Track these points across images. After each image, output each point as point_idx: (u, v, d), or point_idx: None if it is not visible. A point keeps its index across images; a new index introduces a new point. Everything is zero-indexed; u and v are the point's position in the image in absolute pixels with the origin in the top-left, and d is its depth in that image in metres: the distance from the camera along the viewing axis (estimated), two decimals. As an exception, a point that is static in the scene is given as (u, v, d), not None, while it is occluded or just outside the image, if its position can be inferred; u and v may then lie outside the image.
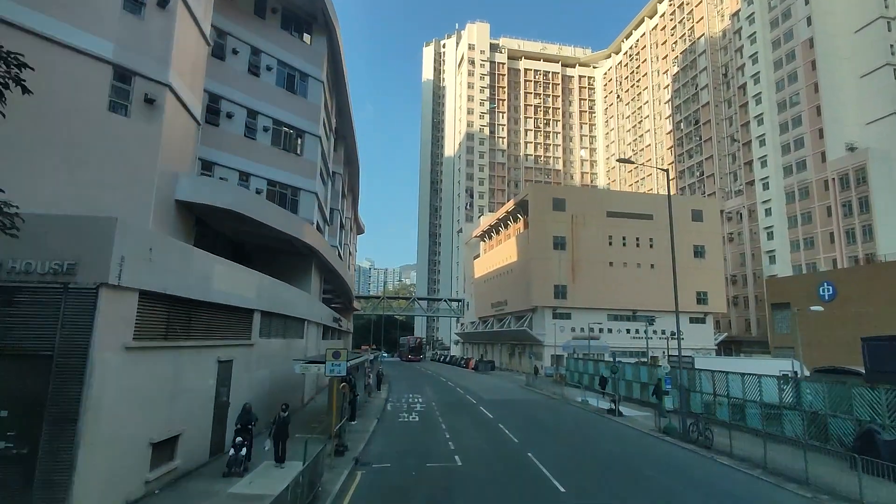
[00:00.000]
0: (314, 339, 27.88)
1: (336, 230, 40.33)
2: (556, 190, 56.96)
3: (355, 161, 48.70)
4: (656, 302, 54.91)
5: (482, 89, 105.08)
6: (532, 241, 53.88)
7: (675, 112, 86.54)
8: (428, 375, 50.16)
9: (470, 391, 34.34)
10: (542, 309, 53.18)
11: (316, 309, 27.31)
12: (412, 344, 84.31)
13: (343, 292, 46.29)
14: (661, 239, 56.25)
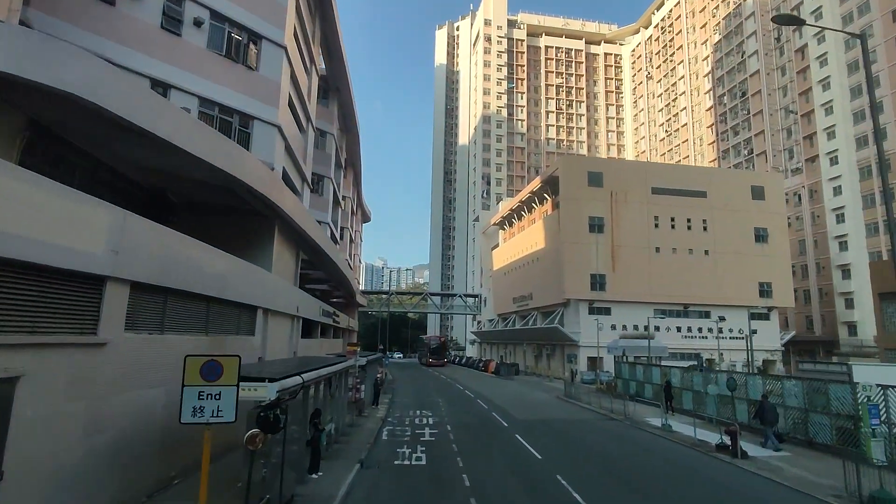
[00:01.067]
0: (284, 338, 20.25)
1: (327, 204, 32.69)
2: (592, 162, 48.68)
3: (354, 129, 41.03)
4: (711, 294, 46.40)
5: (499, 67, 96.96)
6: (564, 222, 45.70)
7: (716, 85, 77.52)
8: (441, 381, 42.38)
9: (495, 405, 26.42)
10: (577, 303, 45.00)
11: (285, 295, 19.68)
12: (433, 344, 68.85)
13: (341, 283, 38.69)
14: (717, 220, 47.71)
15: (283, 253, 19.97)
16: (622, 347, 33.01)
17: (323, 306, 31.29)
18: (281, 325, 19.73)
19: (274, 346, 18.57)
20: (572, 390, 30.66)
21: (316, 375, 11.72)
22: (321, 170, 31.75)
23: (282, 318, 19.74)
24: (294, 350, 22.68)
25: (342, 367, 15.42)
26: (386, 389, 31.98)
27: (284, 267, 20.43)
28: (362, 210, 66.21)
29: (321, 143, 32.10)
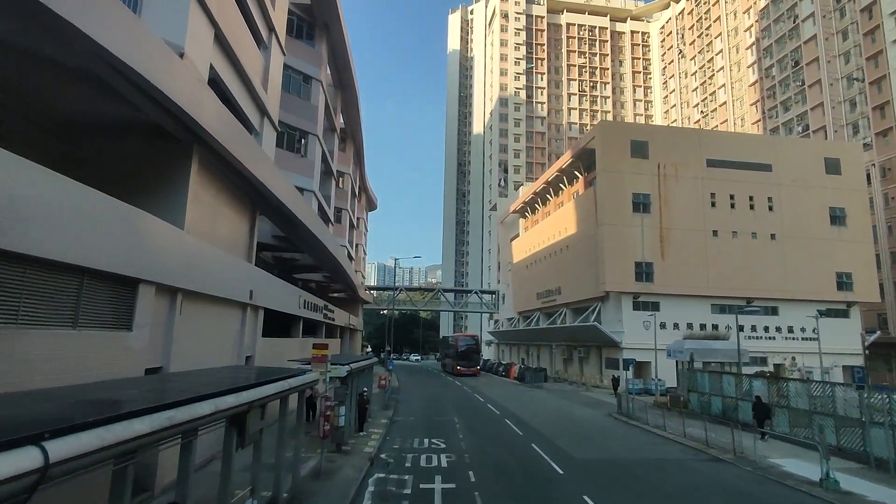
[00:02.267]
0: (225, 336, 13.42)
1: (312, 168, 25.90)
2: (635, 129, 41.09)
3: (350, 87, 34.18)
4: (779, 286, 38.71)
5: (517, 46, 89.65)
6: (603, 200, 38.35)
7: (762, 57, 69.31)
8: (456, 389, 35.37)
9: (532, 428, 19.29)
10: (618, 296, 37.63)
11: (223, 270, 12.81)
12: (462, 346, 50.90)
13: (336, 272, 31.89)
14: (785, 198, 39.99)
15: (217, 207, 13.13)
16: (689, 351, 25.71)
17: (307, 297, 24.50)
18: (214, 316, 12.89)
19: (198, 347, 11.75)
20: (629, 406, 23.43)
21: (186, 416, 4.83)
22: (304, 124, 24.98)
23: (217, 305, 12.91)
24: (249, 354, 15.86)
25: (287, 388, 8.50)
26: (387, 403, 25.05)
27: (222, 229, 13.60)
28: (367, 196, 59.50)
29: (304, 89, 25.32)
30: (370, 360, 19.39)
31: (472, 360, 49.91)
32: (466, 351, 50.42)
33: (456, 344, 51.94)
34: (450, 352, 54.08)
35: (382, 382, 27.56)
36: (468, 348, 50.86)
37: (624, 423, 21.66)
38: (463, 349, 50.35)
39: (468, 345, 51.44)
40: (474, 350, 51.15)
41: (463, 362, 49.19)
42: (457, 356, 49.81)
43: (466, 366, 49.09)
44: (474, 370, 49.30)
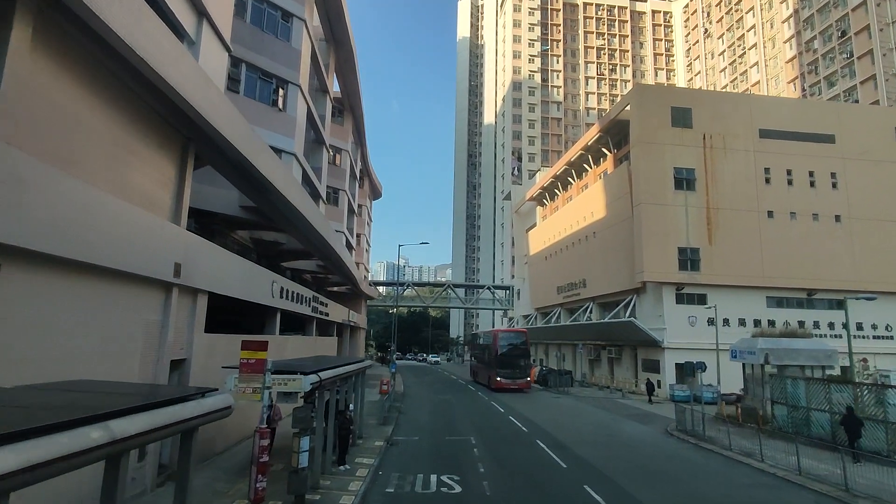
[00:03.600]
0: (119, 330, 8.53)
1: (292, 126, 21.07)
2: (676, 94, 35.44)
3: (346, 42, 29.32)
4: (846, 275, 33.23)
5: (531, 27, 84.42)
6: (639, 176, 33.13)
7: (802, 29, 63.41)
8: (469, 394, 30.41)
9: (579, 460, 14.25)
10: (657, 288, 32.39)
11: (106, 220, 7.96)
12: (504, 345, 34.46)
13: (329, 259, 27.09)
14: (851, 174, 34.48)
15: (96, 124, 8.26)
16: (763, 351, 20.54)
17: (286, 284, 19.73)
18: (99, 299, 8.07)
19: (54, 346, 6.94)
20: (692, 421, 18.31)
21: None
22: (281, 71, 20.18)
23: (106, 282, 8.05)
24: (179, 357, 11.07)
25: (89, 445, 3.69)
26: (389, 416, 20.18)
27: (119, 166, 8.73)
28: (371, 182, 54.74)
29: (283, 28, 20.49)
30: (358, 363, 14.46)
31: (518, 367, 33.42)
32: (511, 354, 33.84)
33: (494, 343, 34.55)
34: (484, 354, 37.85)
35: (384, 388, 22.84)
36: (513, 349, 34.11)
37: (693, 446, 16.53)
38: (505, 350, 33.92)
39: (513, 344, 34.50)
40: (522, 352, 34.33)
41: (505, 371, 33.06)
42: (496, 361, 33.54)
43: (511, 376, 32.87)
44: (523, 383, 33.05)
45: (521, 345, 34.93)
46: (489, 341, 36.57)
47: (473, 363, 44.40)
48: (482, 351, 39.27)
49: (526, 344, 35.24)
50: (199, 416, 4.98)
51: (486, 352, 36.73)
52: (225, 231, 20.19)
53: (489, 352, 35.75)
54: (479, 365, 39.85)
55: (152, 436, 4.26)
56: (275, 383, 8.86)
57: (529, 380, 34.26)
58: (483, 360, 38.18)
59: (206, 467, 11.64)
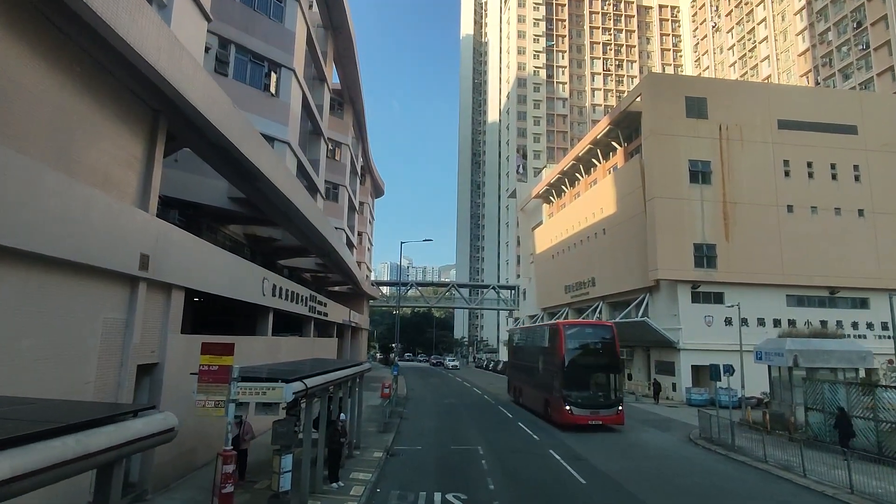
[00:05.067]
0: (68, 331, 7.22)
1: (286, 113, 19.79)
2: (690, 83, 33.88)
3: (345, 28, 28.06)
4: (870, 273, 31.68)
5: (536, 22, 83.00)
6: (652, 169, 31.68)
7: (815, 21, 61.73)
8: (475, 397, 29.06)
9: (596, 472, 12.87)
10: (673, 286, 30.91)
11: (46, 201, 6.69)
12: (574, 347, 20.43)
13: (327, 256, 25.84)
14: (875, 166, 32.94)
15: (31, 84, 6.97)
16: (791, 353, 19.06)
17: (280, 281, 18.46)
18: (36, 294, 6.75)
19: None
20: (718, 428, 16.87)
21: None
22: (274, 53, 18.91)
23: (38, 273, 6.73)
24: (149, 361, 9.79)
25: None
26: (390, 423, 18.86)
27: (58, 133, 7.44)
28: (373, 179, 53.48)
29: (276, 8, 19.23)
30: (355, 366, 13.11)
31: (602, 387, 20.17)
32: (587, 365, 20.31)
33: (557, 344, 20.77)
34: (536, 363, 23.56)
35: (386, 391, 21.59)
36: (592, 355, 20.51)
37: (723, 457, 15.08)
38: (577, 356, 20.23)
39: (592, 345, 20.80)
40: (609, 361, 20.52)
41: (580, 395, 19.63)
42: (561, 376, 19.90)
43: (589, 403, 19.59)
44: (611, 415, 19.65)
45: (606, 347, 20.32)
46: (545, 341, 22.54)
47: (513, 374, 29.32)
48: (532, 357, 24.19)
49: (614, 346, 20.32)
50: (114, 448, 3.64)
51: (541, 359, 22.68)
52: (214, 225, 18.93)
53: (547, 359, 21.79)
54: (526, 379, 25.38)
55: (27, 482, 2.92)
56: (251, 393, 7.53)
57: (621, 409, 19.54)
58: (533, 371, 23.66)
59: (182, 486, 10.32)
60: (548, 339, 22.43)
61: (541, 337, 23.99)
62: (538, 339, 24.52)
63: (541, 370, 22.78)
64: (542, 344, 23.39)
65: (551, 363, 21.20)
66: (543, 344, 23.05)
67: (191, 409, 8.02)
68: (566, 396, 19.36)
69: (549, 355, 21.64)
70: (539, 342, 24.04)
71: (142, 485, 9.62)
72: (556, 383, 20.19)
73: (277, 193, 15.17)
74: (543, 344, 23.05)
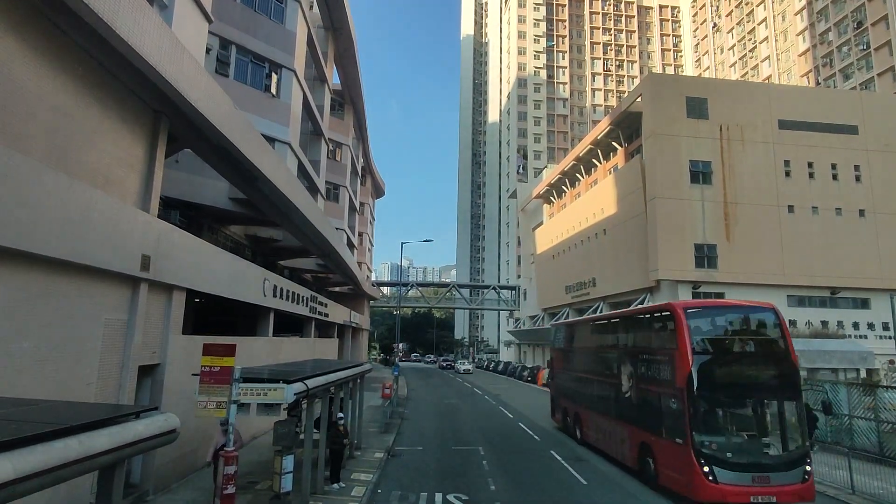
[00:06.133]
0: (44, 326, 7.22)
1: (286, 114, 19.82)
2: (691, 83, 33.91)
3: (345, 29, 28.09)
4: (871, 273, 31.68)
5: (536, 22, 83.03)
6: (653, 169, 31.68)
7: (815, 21, 61.74)
8: (477, 399, 29.09)
9: (612, 483, 12.88)
10: (674, 286, 30.89)
11: (45, 200, 6.69)
12: (716, 356, 10.70)
13: (328, 256, 25.87)
14: (875, 166, 32.94)
15: (31, 83, 6.98)
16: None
17: (280, 282, 18.46)
18: (36, 295, 6.76)
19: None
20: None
21: None
22: (274, 54, 18.93)
23: (39, 273, 6.72)
24: (150, 362, 9.79)
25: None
26: (391, 423, 18.88)
27: (58, 134, 7.45)
28: (373, 180, 53.50)
29: (276, 9, 19.25)
30: (356, 367, 13.12)
31: (765, 433, 10.63)
32: (734, 385, 10.72)
33: (678, 342, 10.80)
34: (624, 374, 13.61)
35: (387, 391, 21.58)
36: (742, 350, 11.22)
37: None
38: (714, 361, 10.69)
39: (743, 340, 11.29)
40: (780, 375, 10.65)
41: (731, 444, 10.31)
42: (688, 401, 10.29)
43: (753, 463, 10.06)
44: (800, 485, 9.85)
45: (768, 347, 11.42)
46: (641, 336, 13.65)
47: (565, 390, 18.99)
48: (606, 365, 15.26)
49: (785, 344, 11.19)
50: (116, 449, 3.64)
51: (630, 369, 13.47)
52: (215, 226, 18.95)
53: (646, 370, 12.60)
54: (595, 401, 15.85)
55: (29, 484, 2.92)
56: (252, 393, 7.53)
57: (809, 471, 10.12)
58: (611, 389, 14.54)
59: (183, 487, 10.32)
60: (647, 334, 12.86)
61: (629, 329, 14.13)
62: (622, 333, 14.48)
63: (630, 389, 12.96)
64: (633, 342, 13.61)
65: (658, 378, 11.52)
66: (637, 342, 13.37)
67: (192, 410, 8.03)
68: (700, 446, 9.96)
69: (654, 363, 11.94)
70: (624, 339, 14.20)
71: (143, 486, 9.63)
72: (671, 417, 10.72)
73: (278, 194, 15.19)
74: (637, 342, 13.37)
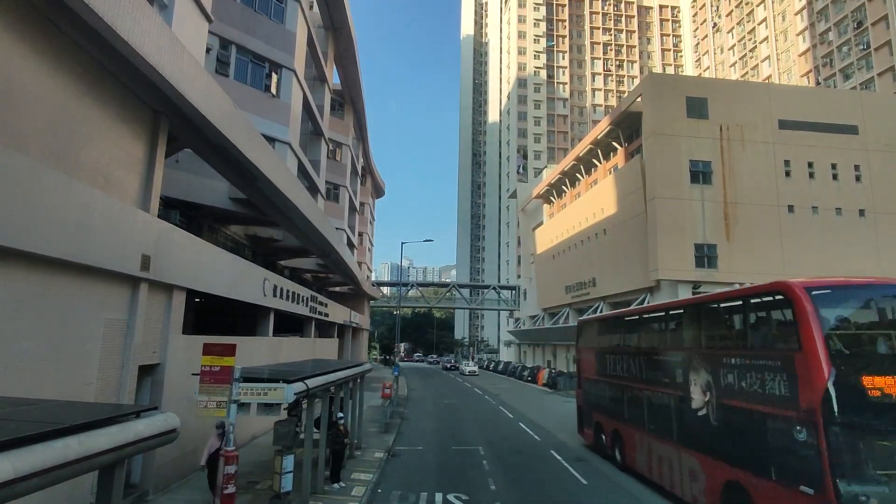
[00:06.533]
0: (43, 325, 7.22)
1: (286, 113, 19.82)
2: (691, 83, 33.89)
3: (345, 29, 28.09)
4: (870, 271, 31.43)
5: (537, 22, 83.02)
6: (653, 169, 31.67)
7: (816, 21, 61.73)
8: (477, 398, 29.10)
9: (614, 483, 12.90)
10: (674, 286, 30.89)
11: (42, 199, 6.69)
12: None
13: (329, 257, 25.87)
14: (876, 166, 32.91)
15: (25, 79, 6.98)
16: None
17: (280, 282, 18.46)
18: (36, 295, 6.75)
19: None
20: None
21: None
22: (274, 54, 18.92)
23: (40, 273, 6.71)
24: (150, 362, 9.80)
25: None
26: (391, 423, 18.88)
27: (58, 133, 7.46)
28: (373, 180, 53.52)
29: (276, 9, 19.26)
30: (356, 367, 13.12)
31: None
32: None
33: (802, 339, 6.97)
34: (697, 387, 9.49)
35: (387, 391, 21.60)
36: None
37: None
38: (861, 368, 6.82)
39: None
40: None
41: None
42: (827, 430, 6.50)
43: None
44: None
45: None
46: (729, 330, 9.54)
47: (600, 400, 14.91)
48: (666, 371, 10.97)
49: None
50: (116, 449, 3.64)
51: (706, 379, 9.27)
52: (215, 226, 18.95)
53: (735, 385, 8.46)
54: (648, 420, 11.75)
55: (29, 483, 2.92)
56: (252, 393, 7.53)
57: None
58: (674, 405, 10.48)
59: (183, 487, 10.32)
60: (740, 329, 9.19)
61: (707, 323, 10.13)
62: (693, 328, 10.42)
63: (708, 405, 9.27)
64: (713, 340, 9.83)
65: (763, 393, 7.93)
66: (721, 340, 9.75)
67: (192, 410, 8.03)
68: (851, 501, 6.39)
69: (753, 371, 8.25)
70: (696, 337, 10.23)
71: (143, 486, 9.63)
72: (791, 452, 7.33)
73: (278, 194, 15.18)
74: (721, 340, 9.75)
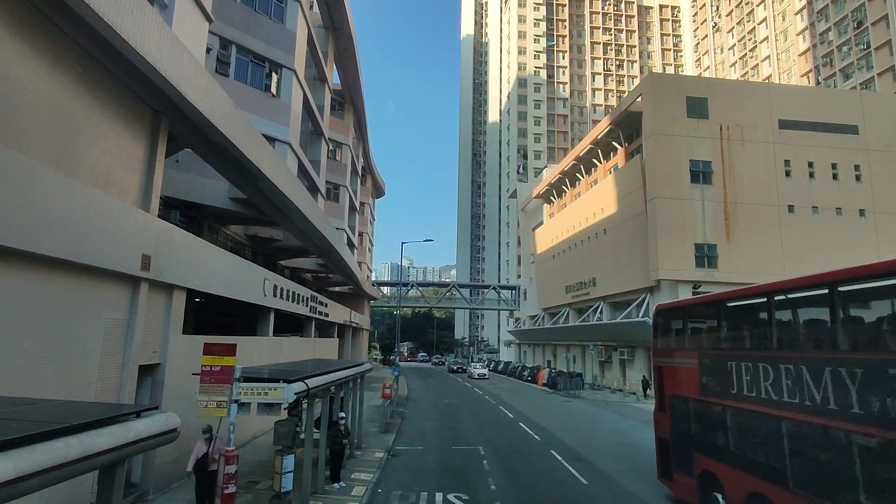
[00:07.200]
0: (42, 325, 7.23)
1: (287, 113, 19.81)
2: (691, 83, 33.91)
3: (345, 28, 28.08)
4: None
5: (537, 22, 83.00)
6: (653, 169, 31.67)
7: (816, 21, 61.72)
8: (477, 398, 29.09)
9: (613, 482, 12.90)
10: (674, 286, 30.88)
11: (43, 199, 6.69)
12: None
13: (329, 257, 25.88)
14: (875, 166, 32.91)
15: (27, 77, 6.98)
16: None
17: (281, 282, 18.46)
18: (36, 294, 6.75)
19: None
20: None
21: None
22: (274, 54, 18.91)
23: (40, 273, 6.71)
24: (150, 362, 9.80)
25: None
26: (391, 423, 18.89)
27: (58, 131, 7.46)
28: (374, 180, 53.51)
29: (276, 8, 19.25)
30: (356, 367, 13.12)
31: None
32: None
33: None
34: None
35: (387, 391, 21.56)
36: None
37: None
38: None
39: None
40: None
41: None
42: None
43: None
44: None
45: None
46: None
47: (704, 432, 9.11)
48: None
49: None
50: (117, 448, 3.64)
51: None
52: (215, 226, 18.96)
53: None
54: (821, 478, 6.47)
55: (30, 483, 2.92)
56: (252, 393, 7.53)
57: None
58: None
59: (184, 487, 10.32)
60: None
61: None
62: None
63: None
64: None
65: None
66: None
67: (192, 410, 8.03)
68: None
69: None
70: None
71: (143, 486, 9.64)
72: None
73: (278, 194, 15.18)
74: None
